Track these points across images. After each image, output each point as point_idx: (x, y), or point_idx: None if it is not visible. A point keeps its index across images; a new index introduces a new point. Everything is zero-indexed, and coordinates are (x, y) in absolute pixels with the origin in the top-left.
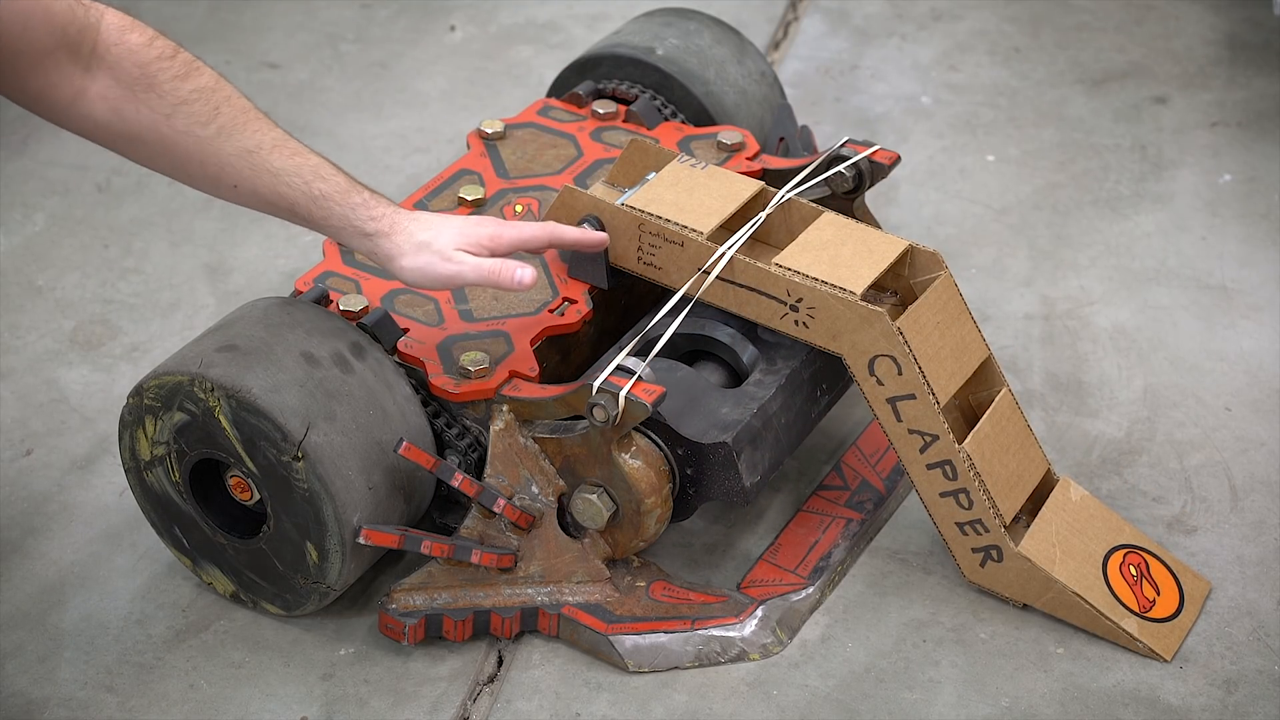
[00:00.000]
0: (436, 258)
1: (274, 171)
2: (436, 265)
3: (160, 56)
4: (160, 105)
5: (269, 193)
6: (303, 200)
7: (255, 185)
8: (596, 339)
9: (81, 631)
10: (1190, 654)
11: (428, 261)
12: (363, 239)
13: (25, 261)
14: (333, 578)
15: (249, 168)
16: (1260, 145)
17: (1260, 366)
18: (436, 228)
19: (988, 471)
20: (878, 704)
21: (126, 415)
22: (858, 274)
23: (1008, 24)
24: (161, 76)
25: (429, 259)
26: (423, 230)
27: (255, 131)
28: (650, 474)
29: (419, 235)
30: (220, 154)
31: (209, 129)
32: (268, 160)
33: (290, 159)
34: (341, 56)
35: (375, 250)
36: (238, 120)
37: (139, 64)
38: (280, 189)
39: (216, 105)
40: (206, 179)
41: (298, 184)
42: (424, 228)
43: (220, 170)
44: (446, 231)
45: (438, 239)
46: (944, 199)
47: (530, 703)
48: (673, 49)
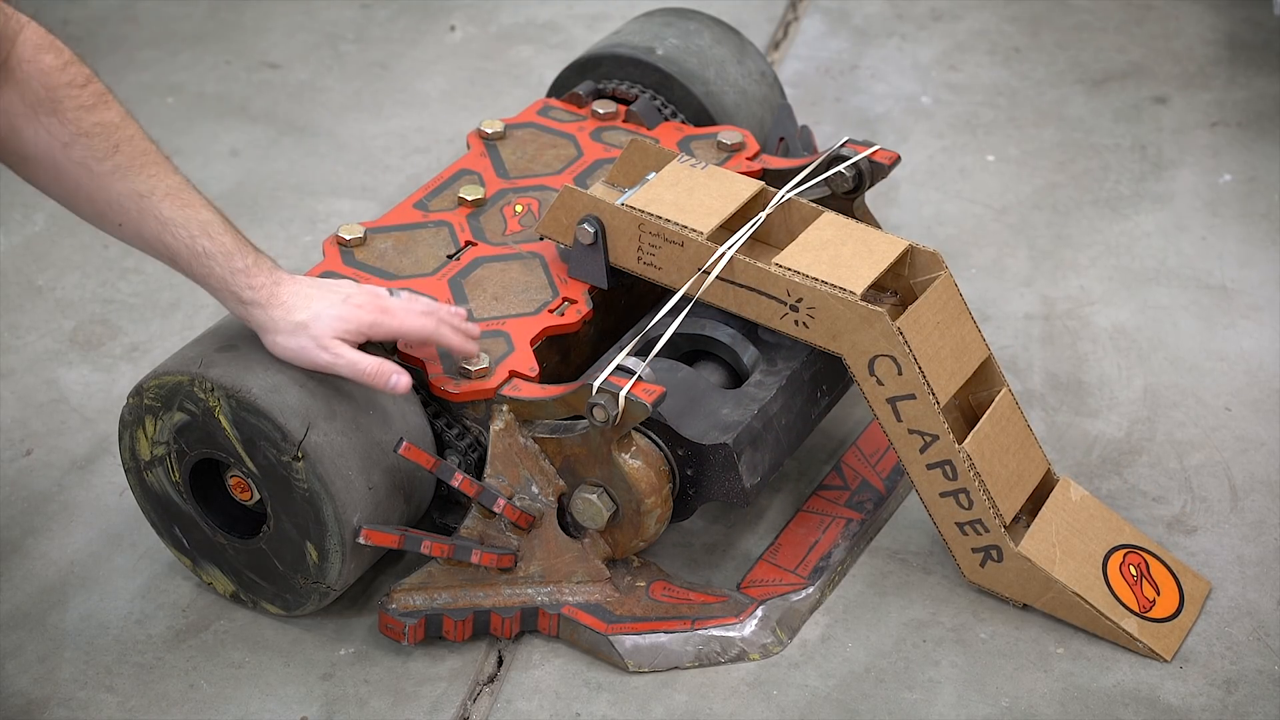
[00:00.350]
0: (313, 344)
1: (161, 219)
2: (312, 351)
3: (70, 83)
4: (60, 132)
5: (153, 238)
6: (185, 253)
7: (140, 228)
8: (596, 339)
9: (81, 631)
10: (1190, 654)
11: (302, 346)
12: (238, 305)
13: (25, 261)
14: (333, 578)
15: (136, 210)
16: (1260, 145)
17: (1260, 366)
18: (315, 309)
19: (988, 471)
20: (878, 704)
21: (126, 415)
22: (858, 274)
23: (1008, 24)
24: (67, 103)
25: (304, 343)
26: (301, 310)
27: (151, 176)
28: (650, 474)
29: (296, 315)
30: (110, 191)
31: (104, 165)
32: (157, 207)
33: (181, 210)
34: (341, 56)
35: (249, 319)
36: (135, 161)
37: (47, 86)
38: (165, 237)
39: (117, 143)
40: (93, 213)
41: (183, 236)
42: (303, 306)
43: (107, 207)
44: (325, 316)
45: (315, 323)
46: (944, 199)
47: (530, 703)
48: (673, 49)
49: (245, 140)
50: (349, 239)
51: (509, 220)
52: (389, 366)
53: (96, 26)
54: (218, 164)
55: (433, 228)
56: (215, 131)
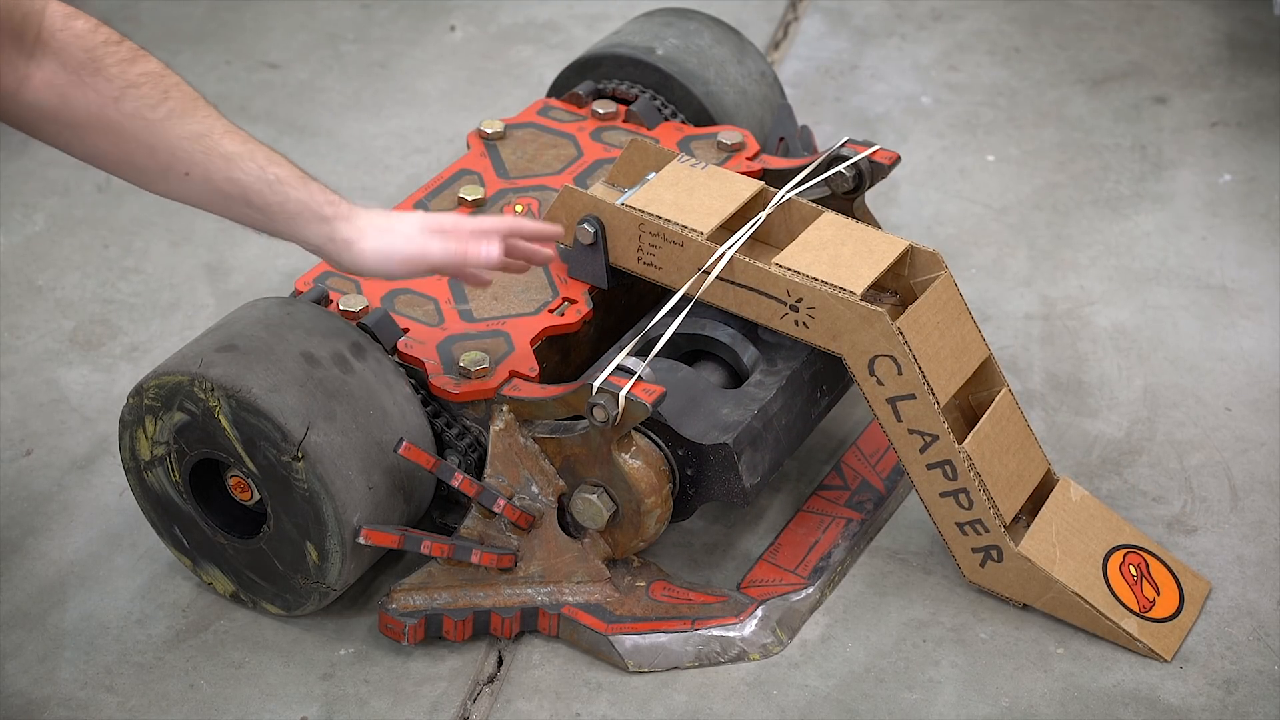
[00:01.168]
0: (399, 239)
1: (227, 155)
2: (399, 245)
3: (106, 41)
4: (108, 89)
5: (222, 179)
6: (257, 185)
7: (208, 170)
8: (596, 339)
9: (81, 631)
10: (1190, 654)
11: (390, 243)
12: (320, 224)
13: (25, 261)
14: (333, 578)
15: (201, 152)
16: (1260, 145)
17: (1260, 366)
18: (398, 214)
19: (988, 471)
20: (878, 704)
21: (126, 415)
22: (858, 274)
23: (1008, 24)
24: (108, 60)
25: (392, 240)
26: (383, 216)
27: (205, 117)
28: (650, 474)
29: (380, 220)
30: (170, 138)
31: (158, 111)
32: (219, 144)
33: (243, 144)
34: (341, 56)
35: (334, 234)
36: (187, 105)
37: (85, 48)
38: (234, 174)
39: (165, 89)
40: (156, 167)
41: (252, 168)
42: (384, 214)
43: (171, 156)
44: (409, 217)
45: (400, 223)
46: (944, 199)
47: (530, 703)
48: (673, 49)
49: None
50: None
51: None
52: (478, 239)
53: None
54: None
55: None
56: None
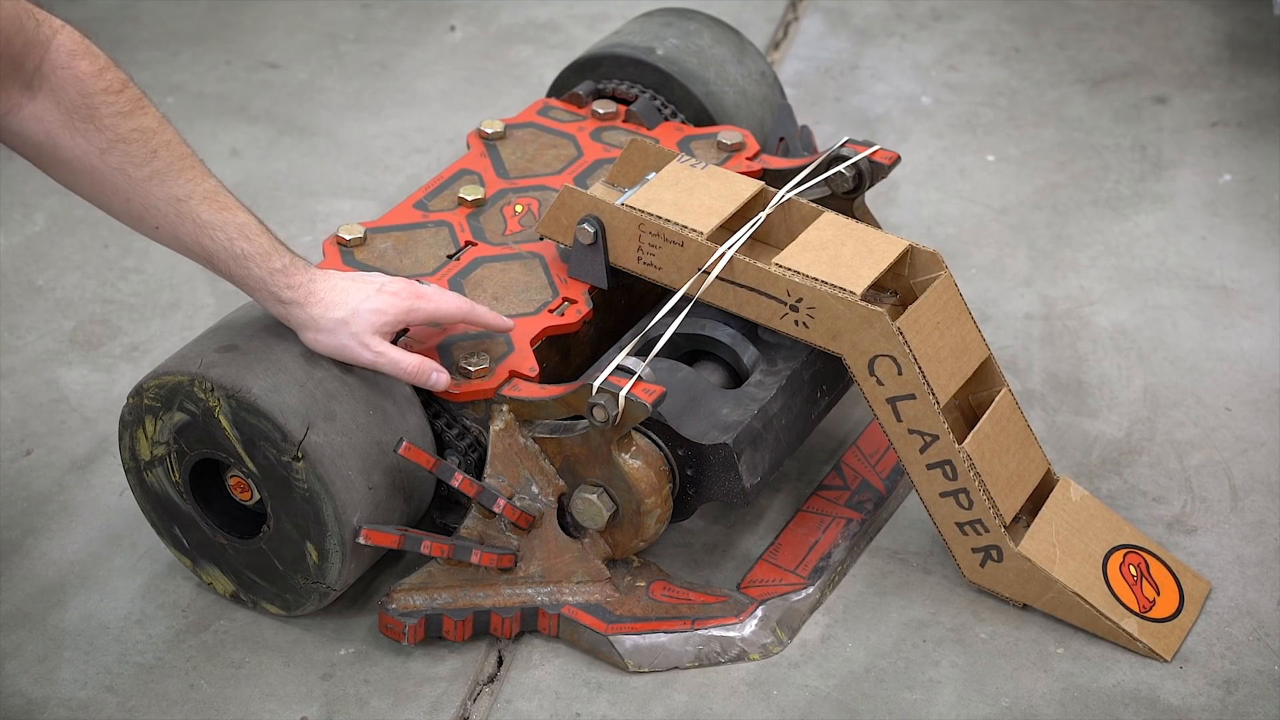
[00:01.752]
0: (354, 342)
1: (199, 223)
2: (353, 349)
3: (107, 89)
4: (97, 139)
5: (190, 241)
6: (223, 255)
7: (178, 231)
8: (596, 339)
9: (81, 631)
10: (1190, 654)
11: (343, 344)
12: (277, 304)
13: (25, 261)
14: (333, 578)
15: (175, 214)
16: (1260, 145)
17: (1260, 366)
18: (353, 303)
19: (988, 471)
20: (878, 704)
21: (126, 415)
22: (858, 274)
23: (1008, 24)
24: (104, 110)
25: (345, 342)
26: (339, 306)
27: (188, 180)
28: (650, 474)
29: (335, 312)
30: (148, 196)
31: (142, 170)
32: (195, 211)
33: (219, 213)
34: (341, 56)
35: (288, 318)
36: (173, 166)
37: (83, 93)
38: (203, 240)
39: (155, 149)
40: (130, 216)
41: (220, 239)
42: (340, 302)
43: (145, 211)
44: (363, 311)
45: (354, 320)
46: (944, 199)
47: (530, 703)
48: (673, 49)
49: (245, 140)
50: (349, 239)
51: (509, 220)
52: (429, 364)
53: (97, 26)
54: (218, 164)
55: (433, 228)
56: (215, 131)
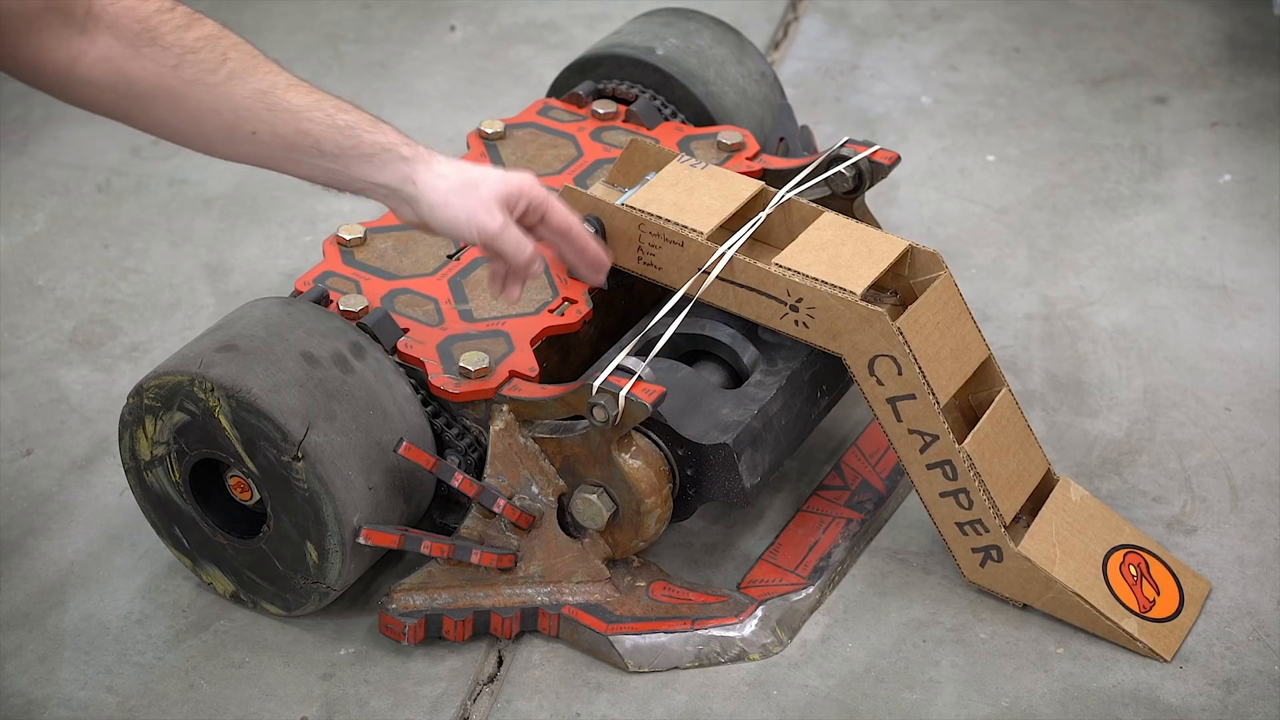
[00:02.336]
0: (482, 207)
1: (293, 109)
2: (479, 214)
3: (159, 9)
4: (165, 57)
5: (291, 132)
6: (329, 133)
7: (275, 126)
8: (596, 339)
9: (81, 631)
10: (1190, 654)
11: (472, 207)
12: (400, 164)
13: (25, 261)
14: (333, 578)
15: (266, 109)
16: (1260, 145)
17: (1260, 366)
18: (482, 170)
19: (988, 471)
20: (878, 704)
21: (126, 415)
22: (858, 274)
23: (1008, 24)
24: (164, 28)
25: (475, 206)
26: (468, 169)
27: (267, 73)
28: (650, 474)
29: (466, 172)
30: (234, 99)
31: (219, 74)
32: (285, 99)
33: (309, 95)
34: (341, 56)
35: (413, 177)
36: (247, 64)
37: (138, 19)
38: (303, 125)
39: (224, 51)
40: (221, 130)
41: (320, 117)
42: (468, 167)
43: (236, 117)
44: (492, 177)
45: (484, 184)
46: (944, 199)
47: (530, 703)
48: (673, 49)
49: None
50: (349, 239)
51: None
52: (536, 251)
53: None
54: (218, 164)
55: None
56: None
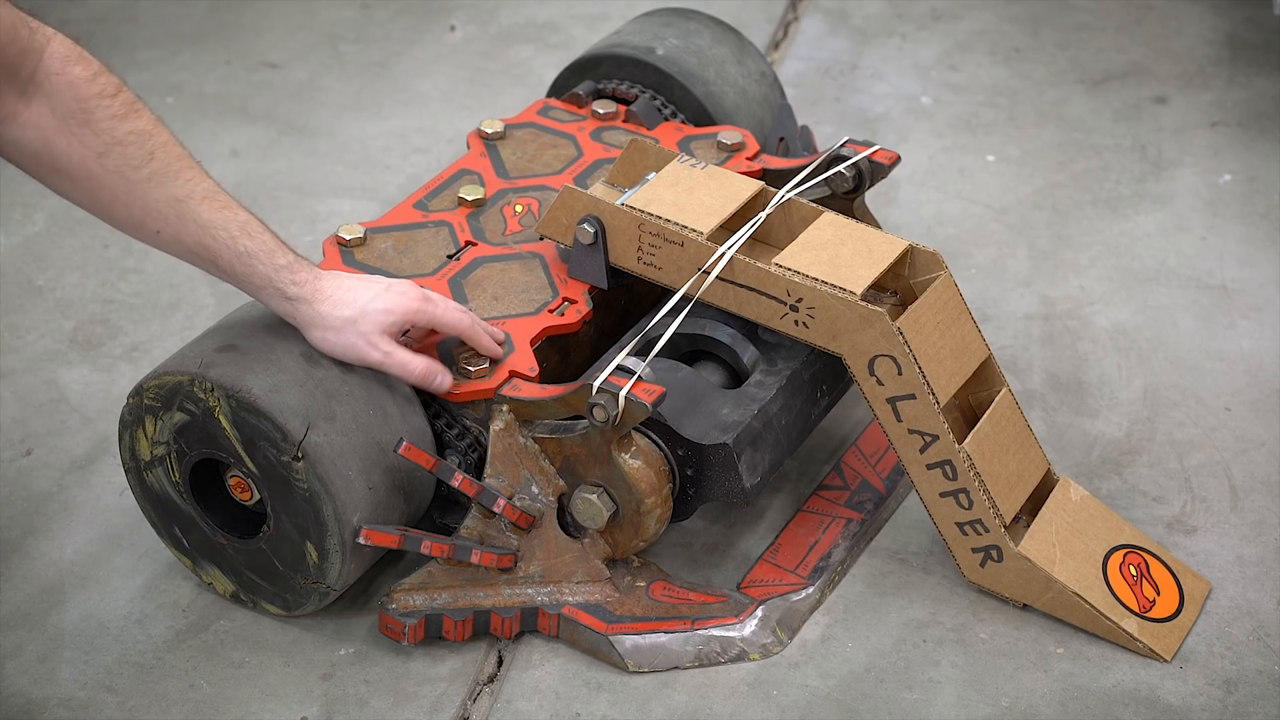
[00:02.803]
0: (362, 341)
1: (201, 223)
2: (361, 349)
3: (101, 93)
4: (94, 143)
5: (193, 243)
6: (226, 254)
7: (179, 234)
8: (596, 339)
9: (81, 631)
10: (1190, 654)
11: (352, 344)
12: (284, 301)
13: (25, 261)
14: (333, 578)
15: (175, 216)
16: (1260, 145)
17: (1260, 366)
18: (360, 303)
19: (988, 471)
20: (878, 704)
21: (126, 415)
22: (858, 274)
23: (1008, 24)
24: (99, 114)
25: (354, 341)
26: (347, 304)
27: (188, 180)
28: (650, 474)
29: (343, 310)
30: (148, 199)
31: (140, 173)
32: (196, 211)
33: (219, 212)
34: (341, 56)
35: (295, 315)
36: (171, 167)
37: (79, 98)
38: (205, 240)
39: (151, 150)
40: (130, 221)
41: (223, 237)
42: (348, 300)
43: (145, 214)
44: (371, 311)
45: (363, 319)
46: (944, 199)
47: (530, 703)
48: (673, 49)
49: (245, 140)
50: (349, 239)
51: (509, 220)
52: (436, 366)
53: (96, 26)
54: (218, 164)
55: (433, 228)
56: (215, 131)
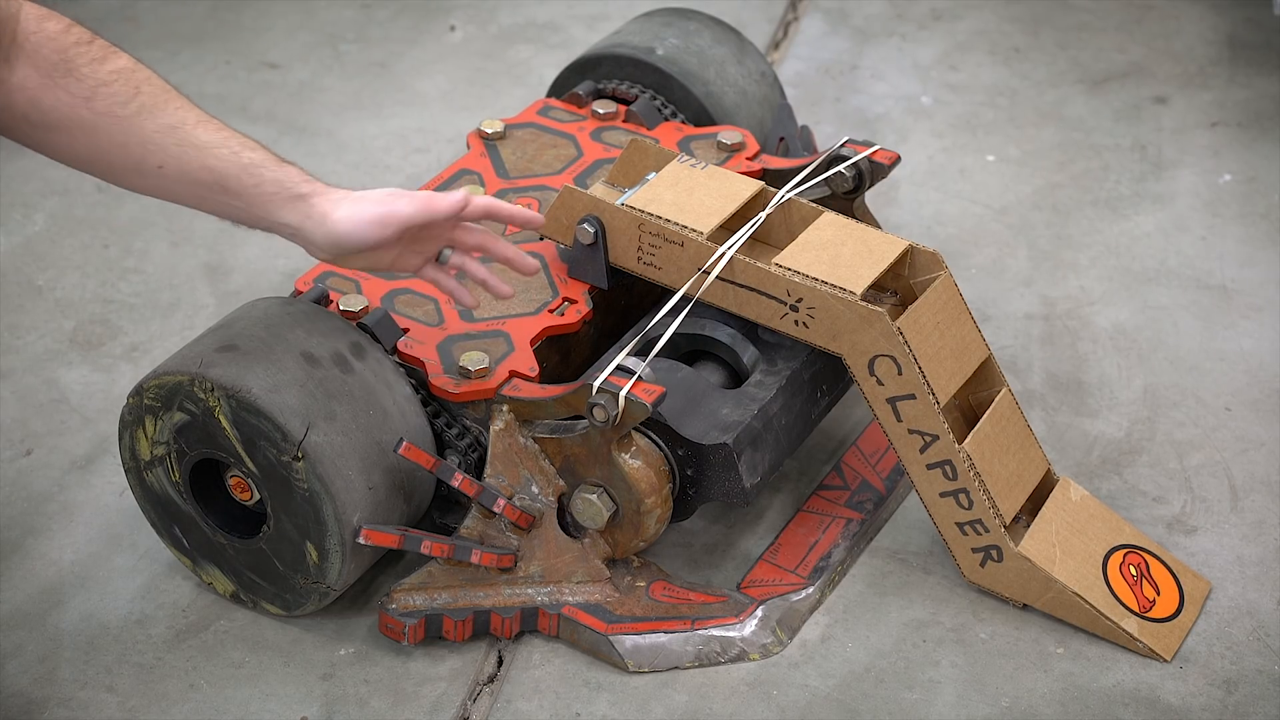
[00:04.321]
0: (369, 202)
1: (200, 145)
2: (368, 208)
3: (78, 41)
4: (79, 89)
5: (196, 167)
6: (233, 170)
7: (181, 161)
8: (596, 339)
9: (81, 631)
10: (1190, 654)
11: (360, 208)
12: (297, 201)
13: (25, 261)
14: (333, 578)
15: (174, 144)
16: (1260, 145)
17: (1260, 366)
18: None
19: (988, 471)
20: (878, 704)
21: (126, 415)
22: (858, 274)
23: (1008, 24)
24: (79, 60)
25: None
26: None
27: (177, 109)
28: (650, 474)
29: (353, 193)
30: (143, 133)
31: (129, 108)
32: (193, 135)
33: (217, 133)
34: (341, 56)
35: (310, 210)
36: (159, 99)
37: (58, 49)
38: (208, 161)
39: (137, 85)
40: (129, 164)
41: (226, 154)
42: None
43: (144, 151)
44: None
45: (372, 192)
46: (944, 199)
47: (530, 703)
48: (673, 49)
49: None
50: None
51: None
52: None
53: (96, 26)
54: None
55: None
56: None
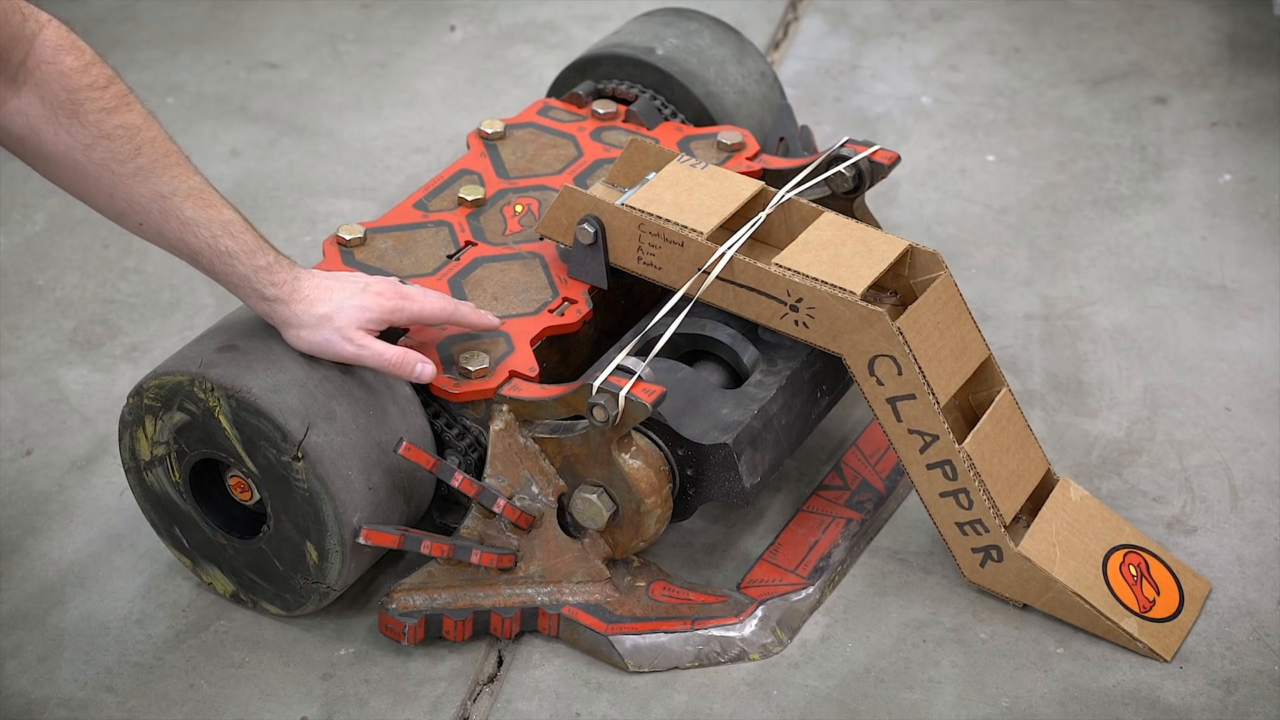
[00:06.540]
0: (337, 336)
1: (183, 220)
2: (336, 344)
3: (92, 85)
4: (80, 135)
5: (174, 238)
6: (207, 252)
7: (161, 229)
8: (596, 339)
9: (81, 631)
10: (1190, 654)
11: (327, 339)
12: (261, 302)
13: (25, 261)
14: (333, 578)
15: (159, 211)
16: (1260, 145)
17: (1260, 366)
18: (336, 300)
19: (988, 471)
20: (878, 704)
21: (126, 415)
22: (858, 274)
23: (1008, 24)
24: (88, 106)
25: (329, 336)
26: (322, 302)
27: (173, 177)
28: (650, 474)
29: (318, 308)
30: (132, 193)
31: (126, 167)
32: (179, 208)
33: (202, 210)
34: (341, 56)
35: (272, 315)
36: (158, 164)
37: (68, 89)
38: (187, 237)
39: (139, 145)
40: (113, 212)
41: (204, 236)
42: (324, 299)
43: (128, 207)
44: (347, 307)
45: (338, 314)
46: (944, 199)
47: (530, 703)
48: (673, 49)
49: (245, 140)
50: (349, 239)
51: (509, 220)
52: (413, 355)
53: (96, 26)
54: (218, 164)
55: (433, 228)
56: (215, 131)
